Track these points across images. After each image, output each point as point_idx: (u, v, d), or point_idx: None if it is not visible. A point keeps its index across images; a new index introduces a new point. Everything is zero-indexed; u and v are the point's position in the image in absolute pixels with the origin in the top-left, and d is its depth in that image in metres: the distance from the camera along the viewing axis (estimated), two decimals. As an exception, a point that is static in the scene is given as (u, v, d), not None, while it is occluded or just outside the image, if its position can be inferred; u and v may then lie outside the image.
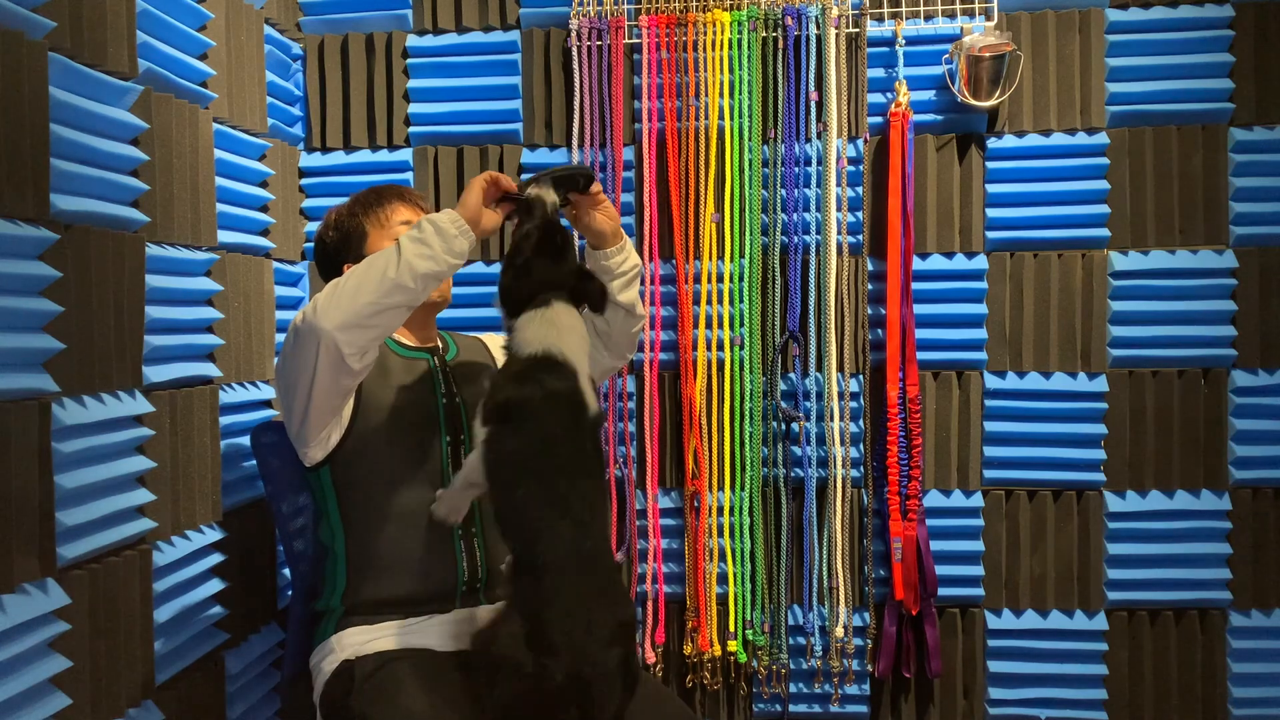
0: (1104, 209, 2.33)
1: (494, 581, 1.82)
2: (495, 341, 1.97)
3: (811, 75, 2.32)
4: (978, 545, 2.37)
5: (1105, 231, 2.34)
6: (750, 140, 2.34)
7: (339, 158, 2.50)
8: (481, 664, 1.48)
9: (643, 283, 2.36)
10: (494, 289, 1.64)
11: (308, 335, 1.54)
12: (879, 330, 2.37)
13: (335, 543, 1.75)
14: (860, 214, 2.37)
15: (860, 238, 2.37)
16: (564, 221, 1.70)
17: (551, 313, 1.54)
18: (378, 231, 1.83)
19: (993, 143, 2.36)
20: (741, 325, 2.36)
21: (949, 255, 2.38)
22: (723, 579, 2.38)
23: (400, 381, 1.77)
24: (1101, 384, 2.34)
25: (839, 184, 2.33)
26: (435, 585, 1.73)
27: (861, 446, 2.38)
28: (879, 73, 2.37)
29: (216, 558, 1.95)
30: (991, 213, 2.36)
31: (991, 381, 2.37)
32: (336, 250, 1.86)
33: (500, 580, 1.74)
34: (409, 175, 2.47)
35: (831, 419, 2.34)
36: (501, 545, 1.84)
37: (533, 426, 1.47)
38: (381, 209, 1.85)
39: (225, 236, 2.03)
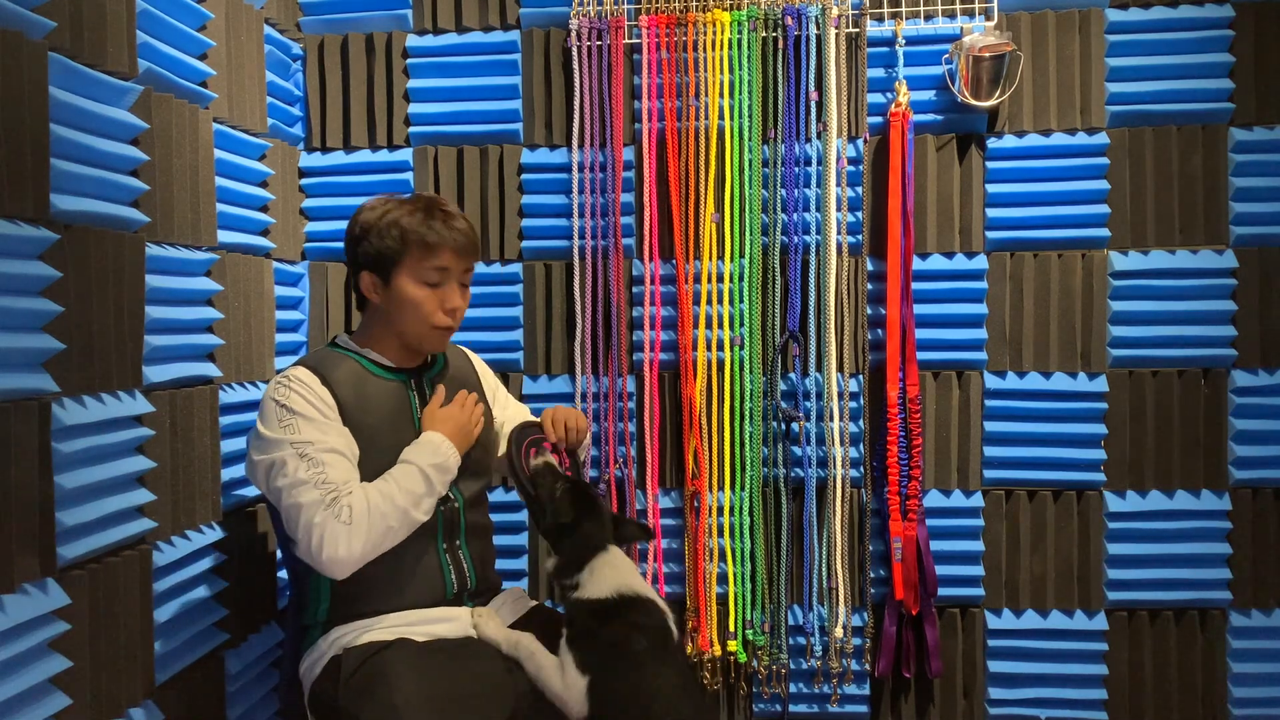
0: (1104, 209, 2.33)
1: (483, 588, 1.84)
2: (476, 357, 2.04)
3: (811, 75, 2.32)
4: (978, 545, 2.37)
5: (1105, 231, 2.34)
6: (750, 140, 2.34)
7: (339, 158, 2.50)
8: None
9: (642, 283, 2.38)
10: (493, 288, 1.66)
11: (319, 565, 1.61)
12: (879, 330, 2.37)
13: None
14: (860, 214, 2.37)
15: (860, 238, 2.37)
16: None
17: (610, 557, 1.71)
18: (411, 271, 1.73)
19: (993, 143, 2.36)
20: (741, 325, 2.36)
21: (949, 255, 2.38)
22: (723, 579, 2.38)
23: (378, 406, 1.75)
24: (1101, 384, 2.34)
25: (839, 184, 2.33)
26: (423, 598, 1.74)
27: (861, 446, 2.38)
28: (879, 73, 2.37)
29: (216, 558, 1.95)
30: (991, 213, 2.36)
31: (991, 381, 2.37)
32: (367, 261, 1.76)
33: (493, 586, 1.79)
34: (409, 175, 2.47)
35: (831, 419, 2.34)
36: (485, 552, 1.88)
37: (632, 663, 1.61)
38: (428, 251, 1.72)
39: (225, 236, 2.03)
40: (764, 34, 2.34)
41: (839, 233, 2.34)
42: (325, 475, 1.61)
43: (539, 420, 1.90)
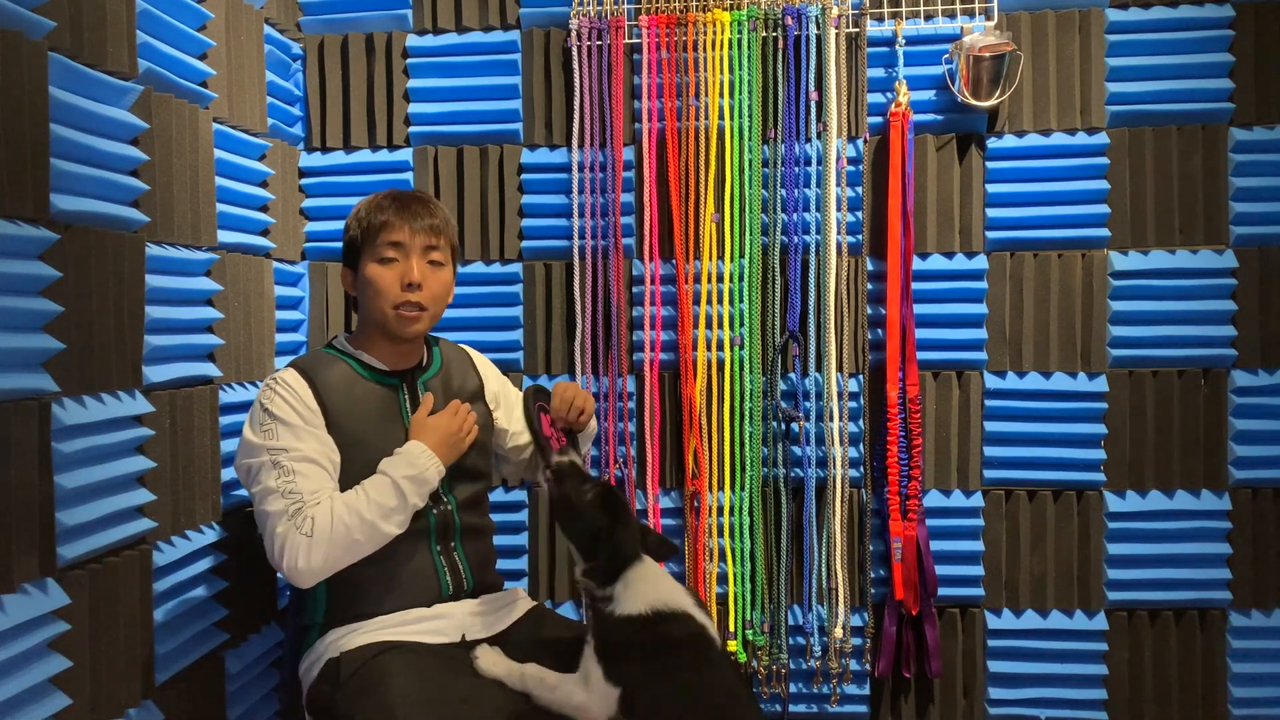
0: (1104, 209, 2.33)
1: (481, 589, 1.83)
2: (481, 358, 2.02)
3: (811, 75, 2.32)
4: (978, 545, 2.37)
5: (1105, 231, 2.34)
6: (750, 140, 2.34)
7: (339, 158, 2.50)
8: None
9: (642, 283, 2.38)
10: (493, 288, 1.63)
11: (283, 574, 1.64)
12: (879, 330, 2.37)
13: None
14: (860, 214, 2.37)
15: (860, 238, 2.37)
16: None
17: (645, 569, 1.62)
18: (370, 253, 1.77)
19: (993, 143, 2.36)
20: (741, 325, 2.36)
21: (949, 255, 2.38)
22: (723, 579, 2.38)
23: (366, 410, 1.75)
24: (1101, 384, 2.34)
25: (839, 184, 2.33)
26: (418, 600, 1.74)
27: (861, 446, 2.38)
28: (879, 73, 2.37)
29: (216, 558, 1.95)
30: (991, 213, 2.36)
31: (991, 381, 2.37)
32: (345, 257, 1.84)
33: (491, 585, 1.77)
34: (409, 175, 2.47)
35: (831, 419, 2.34)
36: (483, 553, 1.86)
37: (671, 677, 1.54)
38: (380, 228, 1.76)
39: (225, 236, 2.04)
40: (764, 34, 2.34)
41: (839, 233, 2.34)
42: (294, 485, 1.62)
43: (549, 390, 1.90)
